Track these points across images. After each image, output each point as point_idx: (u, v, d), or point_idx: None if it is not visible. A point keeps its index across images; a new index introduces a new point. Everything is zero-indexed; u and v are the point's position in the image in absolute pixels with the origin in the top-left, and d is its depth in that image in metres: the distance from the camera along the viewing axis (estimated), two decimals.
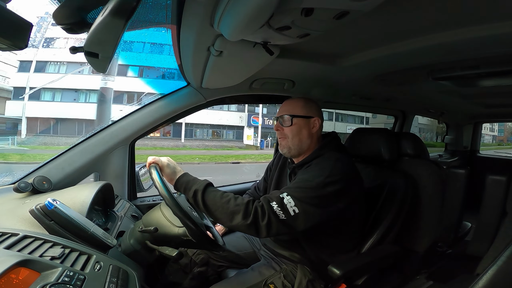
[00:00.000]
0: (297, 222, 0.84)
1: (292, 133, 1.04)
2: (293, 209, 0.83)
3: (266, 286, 1.00)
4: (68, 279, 0.50)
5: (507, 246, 0.73)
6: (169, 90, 1.33)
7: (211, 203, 0.84)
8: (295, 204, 0.83)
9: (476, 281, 0.72)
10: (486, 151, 3.62)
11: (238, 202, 0.84)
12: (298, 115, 1.04)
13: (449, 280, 1.51)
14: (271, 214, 0.82)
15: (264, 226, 0.81)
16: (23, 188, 0.95)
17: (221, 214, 0.83)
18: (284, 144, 1.06)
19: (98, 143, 1.21)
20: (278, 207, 0.83)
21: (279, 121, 1.07)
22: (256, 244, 1.25)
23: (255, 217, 0.81)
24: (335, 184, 0.89)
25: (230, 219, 0.82)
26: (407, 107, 2.32)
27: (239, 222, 0.81)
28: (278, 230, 0.83)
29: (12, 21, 0.45)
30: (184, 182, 0.88)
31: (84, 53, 0.62)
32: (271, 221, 0.82)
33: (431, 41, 0.88)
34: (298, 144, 1.04)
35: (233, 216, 0.82)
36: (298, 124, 1.04)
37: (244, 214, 0.81)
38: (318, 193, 0.87)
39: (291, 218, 0.83)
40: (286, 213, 0.83)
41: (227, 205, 0.83)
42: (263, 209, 0.83)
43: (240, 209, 0.82)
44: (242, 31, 0.68)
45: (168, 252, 0.83)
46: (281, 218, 0.82)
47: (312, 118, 1.05)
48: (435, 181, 1.25)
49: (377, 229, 1.13)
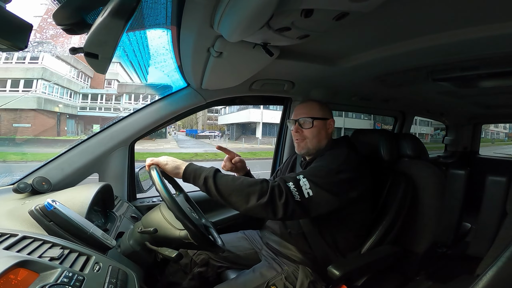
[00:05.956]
0: (310, 205, 0.85)
1: (312, 134, 1.09)
2: (307, 192, 0.84)
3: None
4: (67, 280, 0.50)
5: (507, 247, 0.73)
6: None
7: (223, 187, 0.83)
8: (310, 187, 0.85)
9: (476, 282, 0.72)
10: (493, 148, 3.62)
11: (251, 182, 0.83)
12: (317, 117, 1.09)
13: (449, 281, 1.51)
14: (288, 194, 0.82)
15: (282, 205, 0.80)
16: (23, 189, 0.95)
17: (236, 197, 0.82)
18: (303, 145, 1.10)
19: (98, 144, 1.21)
20: (294, 187, 0.84)
21: (298, 123, 1.11)
22: (257, 244, 1.25)
23: (272, 195, 0.81)
24: (347, 172, 0.91)
25: (246, 201, 0.81)
26: (407, 108, 2.33)
27: (255, 203, 0.80)
28: (293, 211, 0.82)
29: (12, 22, 0.46)
30: (191, 171, 0.88)
31: (84, 53, 0.61)
32: (288, 201, 0.81)
33: (431, 42, 0.88)
34: (317, 144, 1.10)
35: (249, 197, 0.81)
36: (317, 126, 1.09)
37: (260, 194, 0.80)
38: (332, 178, 0.89)
39: (306, 200, 0.84)
40: (301, 194, 0.83)
41: (241, 186, 0.82)
42: (280, 188, 0.82)
43: (256, 189, 0.81)
44: (242, 32, 0.69)
45: (167, 253, 0.83)
46: (296, 199, 0.83)
47: (328, 119, 1.12)
48: (434, 182, 1.25)
49: (377, 229, 1.13)
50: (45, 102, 14.25)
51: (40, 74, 13.72)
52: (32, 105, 13.83)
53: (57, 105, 15.06)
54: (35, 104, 13.89)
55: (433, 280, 1.48)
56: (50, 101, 14.64)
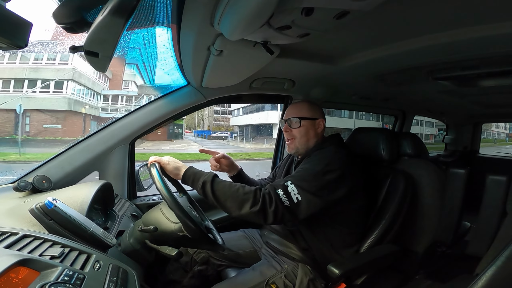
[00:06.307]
0: (299, 209, 0.89)
1: (300, 134, 1.12)
2: (296, 197, 0.88)
3: (268, 286, 1.00)
4: (68, 278, 0.50)
5: (507, 246, 0.73)
6: None
7: (220, 193, 0.88)
8: (298, 192, 0.89)
9: (475, 281, 0.72)
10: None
11: (246, 190, 0.88)
12: (305, 117, 1.12)
13: (448, 280, 1.51)
14: (278, 200, 0.87)
15: (272, 213, 0.86)
16: (23, 187, 0.95)
17: (231, 203, 0.87)
18: (293, 145, 1.14)
19: (98, 142, 1.21)
20: (283, 194, 0.88)
21: (288, 123, 1.14)
22: (257, 243, 1.25)
23: (263, 203, 0.86)
24: (333, 172, 0.94)
25: (240, 208, 0.87)
26: (407, 107, 2.32)
27: (248, 210, 0.86)
28: (283, 216, 0.88)
29: (12, 20, 0.45)
30: (191, 174, 0.93)
31: (84, 52, 0.61)
32: (278, 207, 0.86)
33: (431, 40, 0.87)
34: (305, 143, 1.12)
35: (242, 204, 0.86)
36: (305, 125, 1.12)
37: (253, 201, 0.86)
38: (319, 181, 0.92)
39: (295, 205, 0.88)
40: (290, 200, 0.88)
41: (237, 193, 0.88)
42: (270, 196, 0.88)
43: (249, 197, 0.87)
44: (242, 31, 0.68)
45: (167, 252, 0.83)
46: (286, 205, 0.87)
47: (317, 119, 1.14)
48: (434, 181, 1.25)
49: (377, 228, 1.13)
50: (74, 103, 14.24)
51: (70, 75, 13.76)
52: (64, 106, 13.85)
53: (84, 106, 15.08)
54: (66, 105, 13.89)
55: (432, 279, 1.49)
56: (78, 102, 14.63)
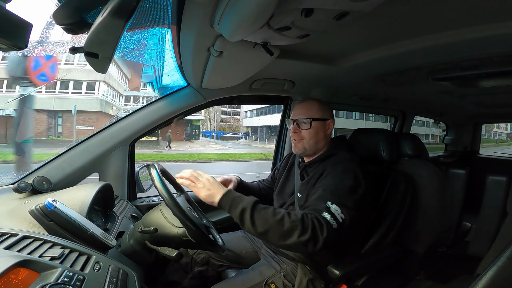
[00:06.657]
0: (343, 228, 0.83)
1: (310, 135, 1.07)
2: (340, 216, 0.83)
3: (267, 286, 1.00)
4: (68, 280, 0.50)
5: (507, 247, 0.73)
6: None
7: (260, 222, 0.79)
8: (342, 212, 0.84)
9: (476, 281, 0.72)
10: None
11: (292, 218, 0.80)
12: (316, 118, 1.06)
13: (449, 281, 1.51)
14: (327, 225, 0.80)
15: (323, 240, 0.79)
16: (23, 189, 0.95)
17: (273, 233, 0.79)
18: (300, 145, 1.09)
19: (98, 143, 1.21)
20: (331, 217, 0.82)
21: (296, 123, 1.09)
22: (257, 244, 1.25)
23: (313, 231, 0.78)
24: (362, 185, 0.92)
25: (285, 237, 0.78)
26: (407, 108, 2.32)
27: (295, 239, 0.77)
28: (332, 241, 0.80)
29: (12, 21, 0.46)
30: (229, 200, 0.84)
31: (84, 53, 0.61)
32: (329, 233, 0.79)
33: (431, 41, 0.87)
34: (314, 145, 1.08)
35: (288, 234, 0.78)
36: (315, 126, 1.07)
37: (302, 230, 0.78)
38: (355, 196, 0.89)
39: (340, 225, 0.82)
40: (337, 221, 0.82)
41: (281, 222, 0.79)
42: (320, 222, 0.80)
43: (297, 225, 0.78)
44: (242, 32, 0.68)
45: (167, 253, 0.83)
46: (334, 228, 0.81)
47: (327, 120, 1.09)
48: (435, 182, 1.24)
49: (377, 229, 1.13)
50: (105, 104, 14.18)
51: (102, 76, 13.55)
52: (96, 107, 13.75)
53: (112, 108, 14.97)
54: (99, 106, 13.79)
55: (433, 280, 1.49)
56: (108, 104, 14.57)
